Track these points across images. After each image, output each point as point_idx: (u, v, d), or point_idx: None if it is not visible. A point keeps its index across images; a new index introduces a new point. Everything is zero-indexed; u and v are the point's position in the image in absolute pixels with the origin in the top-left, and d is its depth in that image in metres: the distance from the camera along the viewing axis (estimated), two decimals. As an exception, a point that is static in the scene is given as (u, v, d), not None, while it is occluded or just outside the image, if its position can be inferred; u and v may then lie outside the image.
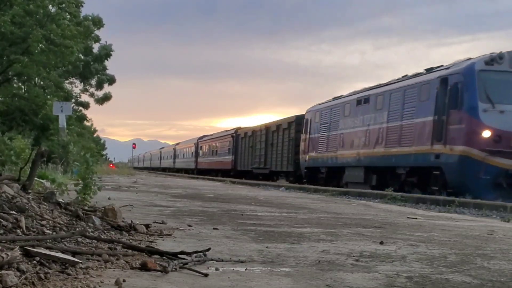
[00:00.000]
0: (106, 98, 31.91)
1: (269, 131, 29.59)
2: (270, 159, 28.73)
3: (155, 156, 78.76)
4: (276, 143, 28.03)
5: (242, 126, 37.48)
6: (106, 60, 30.55)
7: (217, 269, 2.75)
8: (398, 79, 17.90)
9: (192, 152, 49.87)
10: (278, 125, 28.35)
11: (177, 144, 61.90)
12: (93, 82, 31.36)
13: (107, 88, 31.88)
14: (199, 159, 46.91)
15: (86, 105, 32.29)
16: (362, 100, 19.12)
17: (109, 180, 17.04)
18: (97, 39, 28.29)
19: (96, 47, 29.70)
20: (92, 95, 31.82)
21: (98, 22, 25.72)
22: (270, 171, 28.89)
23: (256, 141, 31.54)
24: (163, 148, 76.69)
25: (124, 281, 2.33)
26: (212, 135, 46.40)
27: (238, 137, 35.98)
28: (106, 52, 30.12)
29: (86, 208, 4.76)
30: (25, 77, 21.32)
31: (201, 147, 46.88)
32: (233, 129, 38.38)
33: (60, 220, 3.76)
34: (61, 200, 4.68)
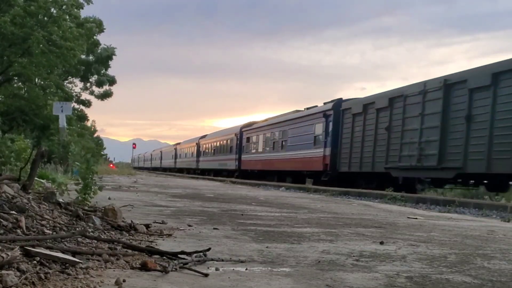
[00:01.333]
0: (107, 95, 31.98)
1: (456, 89, 14.22)
2: (463, 148, 13.62)
3: (167, 154, 65.32)
4: (490, 113, 12.75)
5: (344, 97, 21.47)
6: (108, 63, 30.65)
7: (217, 269, 2.75)
8: None
9: (231, 147, 35.71)
10: (499, 74, 12.55)
11: (202, 137, 46.60)
12: (93, 80, 31.43)
13: (107, 88, 31.96)
14: (244, 156, 32.67)
15: (87, 104, 32.32)
16: None
17: (109, 180, 17.05)
18: (97, 43, 28.32)
19: (98, 49, 29.78)
20: (92, 92, 31.88)
21: (98, 25, 25.74)
22: (459, 174, 14.24)
23: (403, 116, 16.26)
24: (178, 144, 60.55)
25: (124, 281, 2.33)
26: (267, 120, 31.28)
27: (341, 114, 20.17)
28: (108, 54, 30.20)
29: (86, 208, 4.76)
30: (25, 78, 21.34)
31: (247, 138, 32.34)
32: (329, 102, 22.05)
33: (60, 220, 3.76)
34: (61, 200, 4.69)
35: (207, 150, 43.57)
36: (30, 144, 10.84)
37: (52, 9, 19.78)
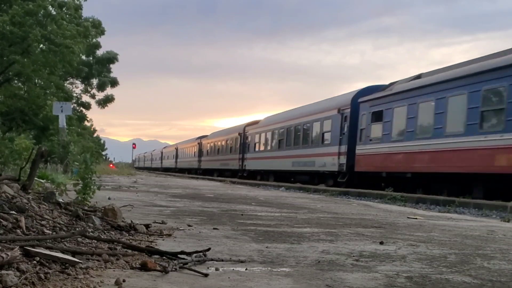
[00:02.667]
0: (108, 100, 31.89)
1: None
2: None
3: (185, 152, 50.68)
4: None
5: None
6: (108, 65, 30.66)
7: (217, 269, 2.75)
8: None
9: (324, 134, 21.14)
10: None
11: (251, 124, 31.36)
12: (94, 83, 31.42)
13: (109, 90, 31.90)
14: (363, 148, 18.30)
15: (87, 106, 32.30)
16: None
17: (109, 180, 17.04)
18: (98, 45, 28.33)
19: (100, 51, 29.86)
20: (93, 96, 31.85)
21: (98, 25, 25.77)
22: None
23: None
24: (204, 137, 44.27)
25: (124, 281, 2.33)
26: (446, 69, 15.58)
27: None
28: (109, 57, 30.22)
29: (86, 208, 4.76)
30: (25, 78, 21.36)
31: (376, 114, 17.91)
32: None
33: (60, 220, 3.76)
34: (61, 200, 4.69)
35: (261, 144, 28.10)
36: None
37: (50, 7, 19.80)
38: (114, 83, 31.58)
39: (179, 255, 2.96)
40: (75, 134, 22.25)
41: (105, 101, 31.76)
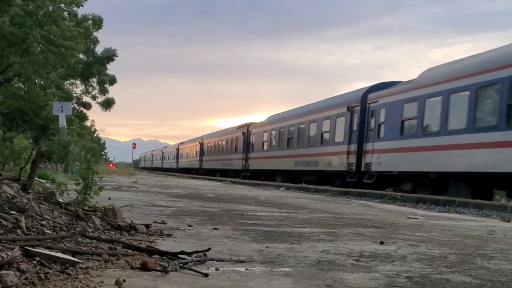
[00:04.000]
0: (109, 103, 31.83)
1: None
2: None
3: (214, 148, 39.09)
4: None
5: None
6: (108, 64, 30.69)
7: (217, 269, 2.75)
8: None
9: None
10: None
11: (382, 87, 17.38)
12: (94, 83, 31.43)
13: (108, 90, 31.90)
14: None
15: (87, 106, 32.29)
16: None
17: (109, 180, 17.04)
18: (96, 41, 28.34)
19: (98, 49, 29.91)
20: (94, 97, 31.83)
21: (98, 22, 25.78)
22: None
23: None
24: (251, 125, 31.65)
25: (124, 281, 2.33)
26: None
27: None
28: (109, 55, 30.25)
29: (86, 208, 4.76)
30: (24, 78, 21.37)
31: None
32: None
33: (60, 220, 3.76)
34: (61, 200, 4.69)
35: (429, 121, 14.97)
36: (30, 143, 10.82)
37: (50, 8, 19.81)
38: (112, 81, 31.59)
39: (179, 255, 2.96)
40: (75, 134, 22.25)
41: (107, 104, 31.73)
